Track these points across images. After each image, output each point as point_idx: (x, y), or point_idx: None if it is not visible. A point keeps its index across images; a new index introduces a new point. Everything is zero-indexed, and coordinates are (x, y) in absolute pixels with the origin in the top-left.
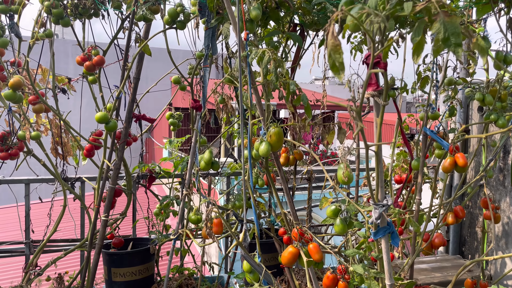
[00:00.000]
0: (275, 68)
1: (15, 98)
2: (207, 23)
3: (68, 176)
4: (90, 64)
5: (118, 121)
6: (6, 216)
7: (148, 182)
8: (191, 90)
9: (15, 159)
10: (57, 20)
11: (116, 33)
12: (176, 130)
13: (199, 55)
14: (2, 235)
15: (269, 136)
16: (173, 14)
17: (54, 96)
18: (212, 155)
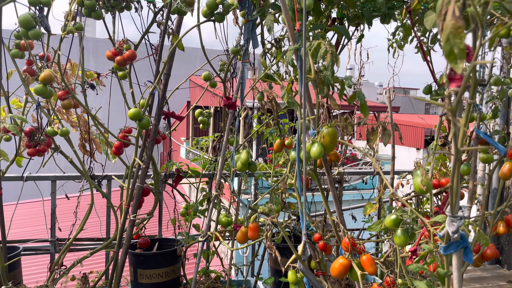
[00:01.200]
0: (332, 63)
1: (46, 93)
2: (247, 15)
3: (95, 174)
4: (121, 58)
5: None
6: (32, 211)
7: (175, 181)
8: (224, 87)
9: (43, 155)
10: (89, 12)
11: (148, 27)
12: (205, 127)
13: (234, 50)
14: (28, 232)
15: (321, 136)
16: (212, 5)
17: (83, 91)
18: (249, 155)
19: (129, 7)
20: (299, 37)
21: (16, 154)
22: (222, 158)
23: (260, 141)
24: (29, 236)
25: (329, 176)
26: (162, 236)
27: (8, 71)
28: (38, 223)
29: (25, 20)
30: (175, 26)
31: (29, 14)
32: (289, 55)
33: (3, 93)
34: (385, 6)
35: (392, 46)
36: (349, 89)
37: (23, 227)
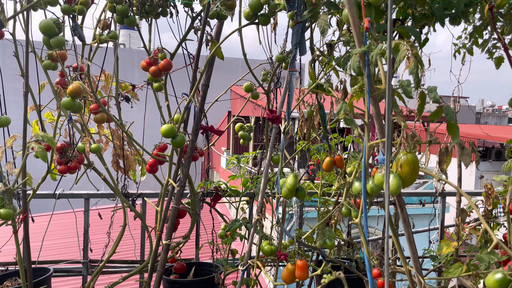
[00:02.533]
0: (416, 69)
1: (74, 107)
2: (296, 16)
3: (129, 192)
4: (156, 69)
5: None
6: (63, 222)
7: (213, 201)
8: (267, 98)
9: (74, 173)
10: (122, 18)
11: (185, 34)
12: (246, 142)
13: (279, 57)
14: (59, 245)
15: (397, 165)
16: (256, 5)
17: (117, 104)
18: (297, 180)
19: (165, 13)
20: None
21: (48, 171)
22: (265, 178)
23: (304, 157)
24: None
25: (402, 213)
26: (199, 259)
27: (41, 84)
28: (70, 234)
29: (46, 26)
30: (214, 32)
31: (51, 20)
32: (354, 60)
33: (35, 106)
34: (463, 2)
35: (459, 51)
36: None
37: (55, 239)
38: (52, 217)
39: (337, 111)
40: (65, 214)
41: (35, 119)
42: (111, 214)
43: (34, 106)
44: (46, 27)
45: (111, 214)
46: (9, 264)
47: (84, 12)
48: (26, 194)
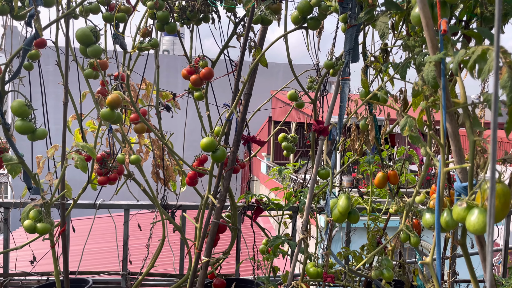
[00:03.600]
0: (510, 81)
1: (113, 118)
2: (350, 19)
3: (168, 203)
4: (197, 77)
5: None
6: (103, 226)
7: (254, 214)
8: (314, 108)
9: (114, 183)
10: (162, 25)
11: (227, 40)
12: (290, 154)
13: (328, 64)
14: (99, 256)
15: (482, 197)
16: (304, 8)
17: (157, 114)
18: (350, 202)
19: (207, 19)
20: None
21: (88, 182)
22: (310, 194)
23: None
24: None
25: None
26: (240, 275)
27: (82, 93)
28: (108, 239)
29: (83, 34)
30: (258, 38)
31: (88, 28)
32: (428, 70)
33: (76, 115)
34: None
35: None
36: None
37: (94, 244)
38: (90, 221)
39: (401, 127)
40: (104, 218)
41: (77, 127)
42: (151, 225)
43: (75, 115)
44: (82, 36)
45: (150, 224)
46: (50, 274)
47: (125, 19)
48: (64, 207)
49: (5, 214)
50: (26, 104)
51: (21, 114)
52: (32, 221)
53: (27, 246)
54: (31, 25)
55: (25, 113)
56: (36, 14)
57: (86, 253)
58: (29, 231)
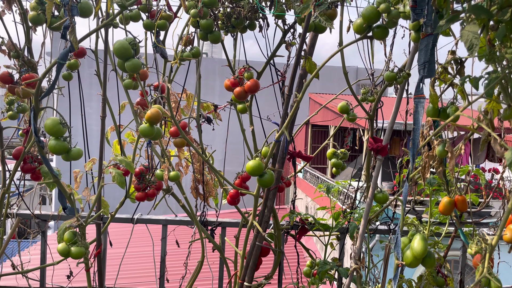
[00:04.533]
0: None
1: (152, 134)
2: (426, 27)
3: (208, 220)
4: (242, 90)
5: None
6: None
7: (298, 234)
8: (371, 125)
9: (152, 200)
10: (205, 35)
11: (275, 49)
12: (339, 172)
13: (390, 76)
14: (134, 279)
15: None
16: (371, 16)
17: (197, 126)
18: (426, 244)
19: (253, 26)
20: None
21: (126, 196)
22: (365, 219)
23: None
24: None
25: None
26: None
27: (121, 104)
28: (145, 254)
29: (121, 48)
30: (308, 46)
31: (126, 40)
32: None
33: (115, 127)
34: None
35: None
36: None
37: (130, 257)
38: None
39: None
40: (141, 230)
41: (116, 138)
42: (189, 243)
43: (114, 126)
44: (120, 49)
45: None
46: None
47: (166, 27)
48: (100, 227)
49: (42, 227)
50: (61, 122)
51: (55, 133)
52: (66, 245)
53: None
54: (66, 37)
55: (59, 132)
56: (71, 26)
57: (122, 269)
58: (63, 255)
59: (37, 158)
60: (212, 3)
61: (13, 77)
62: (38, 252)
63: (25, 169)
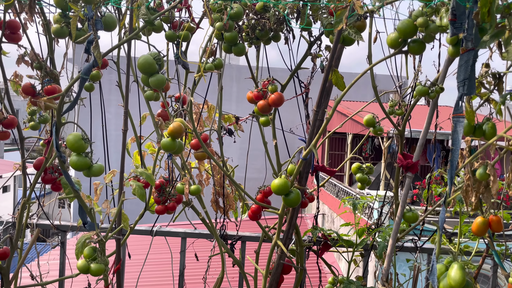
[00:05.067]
0: None
1: (174, 149)
2: (466, 42)
3: (228, 234)
4: (265, 104)
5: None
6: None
7: (321, 250)
8: (400, 141)
9: (172, 213)
10: (229, 47)
11: (301, 61)
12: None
13: (422, 90)
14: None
15: None
16: (407, 30)
17: (219, 139)
18: (464, 273)
19: (278, 38)
20: None
21: (145, 209)
22: (393, 239)
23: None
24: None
25: None
26: None
27: (142, 115)
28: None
29: (145, 63)
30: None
31: (150, 56)
32: None
33: (136, 138)
34: None
35: None
36: None
37: (149, 271)
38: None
39: None
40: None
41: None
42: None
43: (135, 137)
44: (145, 65)
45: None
46: None
47: (189, 38)
48: (120, 243)
49: (62, 238)
50: (83, 137)
51: (77, 148)
52: (85, 261)
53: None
54: (89, 52)
55: (81, 148)
56: (95, 40)
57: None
58: (82, 272)
59: (57, 168)
60: (237, 16)
61: (36, 89)
62: (56, 257)
63: (45, 180)
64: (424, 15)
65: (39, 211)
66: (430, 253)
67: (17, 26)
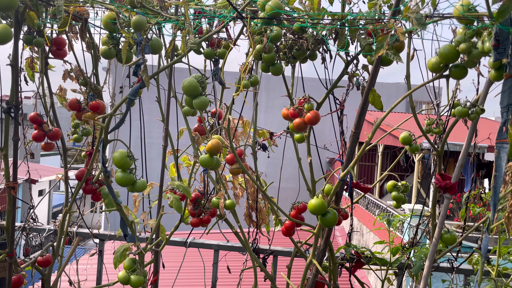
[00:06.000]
0: None
1: (212, 165)
2: (509, 67)
3: (260, 247)
4: (301, 122)
5: None
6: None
7: (353, 267)
8: (439, 161)
9: (206, 226)
10: (267, 67)
11: (337, 80)
12: (400, 205)
13: (462, 112)
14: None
15: None
16: (449, 55)
17: (253, 154)
18: None
19: (314, 56)
20: None
21: (181, 220)
22: (430, 260)
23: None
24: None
25: None
26: None
27: (179, 129)
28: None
29: (190, 86)
30: (369, 78)
31: (195, 78)
32: None
33: (173, 151)
34: None
35: None
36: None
37: (182, 285)
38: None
39: None
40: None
41: (172, 161)
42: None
43: (171, 151)
44: (190, 87)
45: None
46: None
47: (226, 55)
48: (158, 255)
49: (100, 246)
50: (128, 155)
51: (122, 165)
52: (126, 273)
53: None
54: (137, 75)
55: (126, 165)
56: (144, 64)
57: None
58: (123, 283)
59: (98, 179)
60: (277, 39)
61: (81, 104)
62: (89, 261)
63: (86, 190)
64: (467, 40)
65: (79, 219)
66: (467, 274)
67: (63, 43)
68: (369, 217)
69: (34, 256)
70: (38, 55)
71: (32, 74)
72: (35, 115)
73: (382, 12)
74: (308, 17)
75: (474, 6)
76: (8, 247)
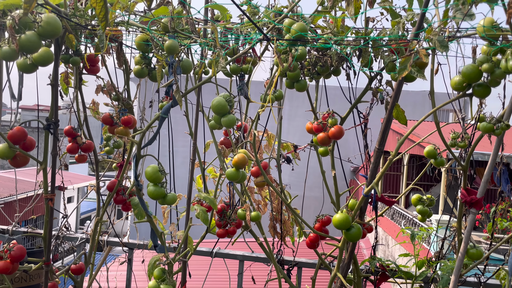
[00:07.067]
0: None
1: (237, 178)
2: None
3: (285, 259)
4: (325, 136)
5: None
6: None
7: (378, 281)
8: (464, 176)
9: (232, 237)
10: (292, 83)
11: (360, 95)
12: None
13: (487, 127)
14: None
15: None
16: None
17: (277, 166)
18: None
19: (338, 72)
20: None
21: (207, 231)
22: (456, 275)
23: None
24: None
25: None
26: None
27: (206, 142)
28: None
29: (219, 105)
30: (393, 94)
31: (223, 98)
32: None
33: (199, 163)
34: None
35: None
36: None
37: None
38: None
39: None
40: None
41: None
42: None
43: (198, 163)
44: (218, 106)
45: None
46: None
47: (251, 70)
48: (186, 265)
49: (129, 255)
50: (160, 170)
51: (154, 180)
52: (156, 282)
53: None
54: (169, 94)
55: (158, 179)
56: (176, 85)
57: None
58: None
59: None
60: (302, 57)
61: (114, 119)
62: (117, 268)
63: (117, 201)
64: (489, 60)
65: (109, 228)
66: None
67: (96, 60)
68: (395, 227)
69: (67, 264)
70: (72, 70)
71: (66, 88)
72: (69, 129)
73: (405, 29)
74: (332, 35)
75: (497, 24)
76: (45, 256)
